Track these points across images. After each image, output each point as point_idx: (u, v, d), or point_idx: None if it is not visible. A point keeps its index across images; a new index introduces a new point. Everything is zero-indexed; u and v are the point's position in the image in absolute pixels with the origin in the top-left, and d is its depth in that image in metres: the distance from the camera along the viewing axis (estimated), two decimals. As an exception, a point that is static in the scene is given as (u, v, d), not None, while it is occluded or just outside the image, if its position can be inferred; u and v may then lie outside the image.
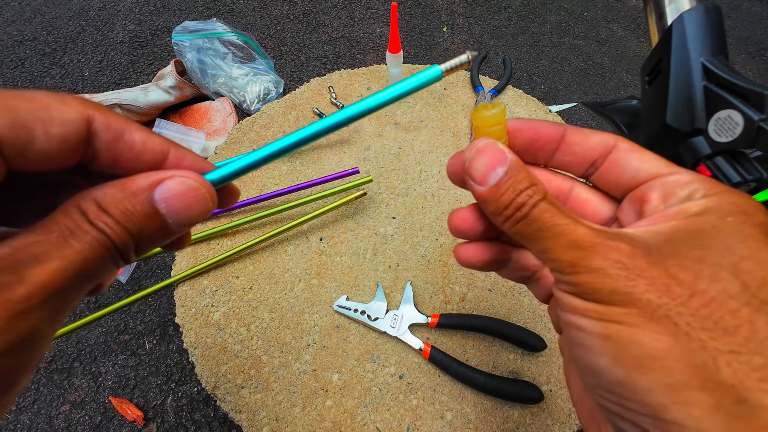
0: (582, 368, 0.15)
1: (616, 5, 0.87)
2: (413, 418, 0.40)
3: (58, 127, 0.13)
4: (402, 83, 0.18)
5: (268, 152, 0.17)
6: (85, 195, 0.13)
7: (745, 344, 0.12)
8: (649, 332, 0.12)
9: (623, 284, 0.13)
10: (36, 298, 0.12)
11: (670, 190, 0.16)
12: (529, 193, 0.15)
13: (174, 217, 0.15)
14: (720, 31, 0.28)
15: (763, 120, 0.24)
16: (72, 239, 0.12)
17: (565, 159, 0.19)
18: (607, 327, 0.13)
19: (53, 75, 0.74)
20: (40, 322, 0.12)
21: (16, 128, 0.12)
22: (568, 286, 0.15)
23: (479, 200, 0.17)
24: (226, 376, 0.43)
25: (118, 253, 0.14)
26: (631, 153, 0.17)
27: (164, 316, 0.49)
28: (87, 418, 0.43)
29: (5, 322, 0.11)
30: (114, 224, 0.13)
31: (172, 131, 0.59)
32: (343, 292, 0.48)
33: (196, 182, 0.15)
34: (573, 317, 0.15)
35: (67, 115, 0.13)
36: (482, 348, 0.44)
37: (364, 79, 0.68)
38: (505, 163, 0.16)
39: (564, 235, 0.15)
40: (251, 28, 0.82)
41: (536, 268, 0.21)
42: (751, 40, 0.79)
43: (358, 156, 0.59)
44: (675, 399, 0.12)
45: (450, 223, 0.20)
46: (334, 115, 0.17)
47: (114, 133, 0.14)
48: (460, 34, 0.80)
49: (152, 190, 0.14)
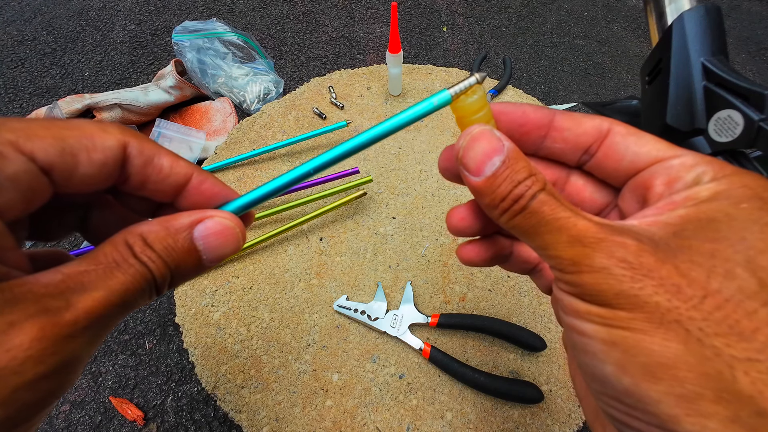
0: (586, 374, 0.14)
1: (616, 5, 0.87)
2: (413, 418, 0.40)
3: (100, 153, 0.14)
4: (408, 111, 0.17)
5: (285, 181, 0.17)
6: (132, 230, 0.14)
7: (763, 350, 0.11)
8: (658, 339, 0.12)
9: (629, 286, 0.12)
10: (81, 324, 0.12)
11: (675, 175, 0.14)
12: (527, 183, 0.14)
13: (209, 254, 0.16)
14: (720, 31, 0.28)
15: (764, 120, 0.24)
16: (117, 271, 0.13)
17: (556, 146, 0.17)
18: (613, 333, 0.12)
19: (53, 75, 0.74)
20: (81, 347, 0.13)
21: (65, 155, 0.13)
22: (570, 286, 0.14)
23: (474, 192, 0.16)
24: (226, 376, 0.43)
25: (155, 285, 0.14)
26: (629, 137, 0.16)
27: (164, 316, 0.49)
28: (87, 418, 0.43)
29: (53, 345, 0.12)
30: (156, 258, 0.14)
31: (172, 131, 0.59)
32: (343, 292, 0.48)
33: (232, 222, 0.16)
34: (575, 321, 0.14)
35: (108, 142, 0.14)
36: (482, 348, 0.44)
37: (364, 79, 0.68)
38: (501, 152, 0.15)
39: (565, 230, 0.13)
40: (251, 28, 0.82)
41: (538, 260, 0.21)
42: (751, 40, 0.79)
43: (358, 156, 0.59)
44: (688, 411, 0.11)
45: (448, 222, 0.19)
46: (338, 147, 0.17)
47: (146, 158, 0.15)
48: (460, 34, 0.80)
49: (192, 229, 0.15)
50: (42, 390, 0.12)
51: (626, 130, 0.16)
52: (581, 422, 0.40)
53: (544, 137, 0.17)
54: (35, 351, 0.11)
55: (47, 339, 0.11)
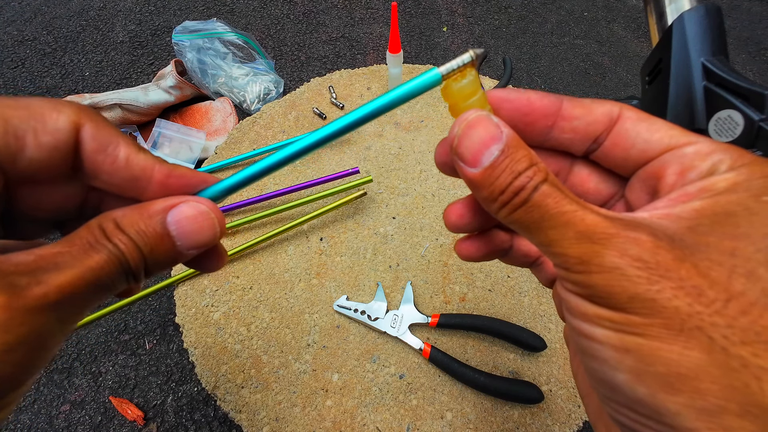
0: (594, 378, 0.13)
1: (616, 5, 0.87)
2: (413, 418, 0.40)
3: (49, 135, 0.13)
4: (393, 91, 0.16)
5: (266, 164, 0.16)
6: (107, 215, 0.14)
7: None
8: (677, 347, 0.11)
9: (645, 288, 0.11)
10: (51, 299, 0.12)
11: (689, 163, 0.13)
12: (528, 174, 0.13)
13: (183, 240, 0.15)
14: (720, 31, 0.28)
15: (764, 120, 0.24)
16: (90, 251, 0.13)
17: (564, 137, 0.16)
18: (626, 339, 0.11)
19: (53, 75, 0.74)
20: (51, 323, 0.12)
21: (8, 137, 0.12)
22: (577, 287, 0.12)
23: (471, 185, 0.14)
24: (226, 376, 0.43)
25: (129, 270, 0.14)
26: (640, 122, 0.14)
27: (164, 316, 0.49)
28: (87, 418, 0.43)
29: (20, 316, 0.11)
30: (128, 242, 0.14)
31: (172, 131, 0.59)
32: (343, 292, 0.48)
33: (207, 207, 0.15)
34: (583, 325, 0.12)
35: (59, 123, 0.13)
36: (482, 348, 0.44)
37: (364, 79, 0.68)
38: (500, 140, 0.13)
39: (571, 225, 0.12)
40: (251, 28, 0.82)
41: (539, 254, 0.20)
42: (751, 40, 0.79)
43: (358, 156, 0.59)
44: (710, 425, 0.10)
45: (445, 219, 0.18)
46: (323, 128, 0.16)
47: (98, 144, 0.14)
48: (460, 34, 0.80)
49: (166, 213, 0.15)
50: (12, 363, 0.12)
51: (637, 115, 0.15)
52: (581, 422, 0.40)
53: (551, 127, 0.15)
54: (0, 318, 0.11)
55: (13, 309, 0.11)
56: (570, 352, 0.19)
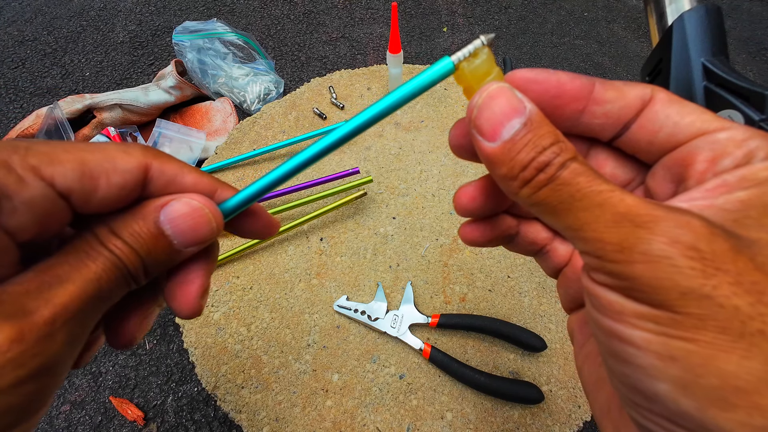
0: (624, 384, 0.12)
1: (616, 5, 0.87)
2: (413, 418, 0.40)
3: (119, 176, 0.14)
4: (409, 83, 0.15)
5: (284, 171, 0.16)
6: (100, 220, 0.14)
7: None
8: (735, 356, 0.09)
9: (700, 283, 0.09)
10: (59, 321, 0.12)
11: (722, 150, 0.12)
12: (554, 150, 0.12)
13: (179, 238, 0.15)
14: (720, 32, 0.28)
15: (764, 120, 0.24)
16: (87, 260, 0.13)
17: (595, 123, 0.14)
18: (672, 345, 0.10)
19: (54, 75, 0.74)
20: (62, 347, 0.12)
21: (84, 179, 0.13)
22: (612, 279, 0.11)
23: (487, 161, 0.13)
24: (226, 376, 0.43)
25: (129, 275, 0.14)
26: (671, 105, 0.13)
27: (164, 316, 0.49)
28: (87, 418, 0.43)
29: (33, 347, 0.11)
30: (123, 246, 0.14)
31: (172, 131, 0.59)
32: (343, 292, 0.48)
33: (200, 203, 0.15)
34: (616, 325, 0.11)
35: (128, 164, 0.14)
36: (482, 348, 0.44)
37: (364, 79, 0.68)
38: (523, 113, 0.12)
39: (609, 206, 0.11)
40: (251, 28, 0.82)
41: (545, 242, 0.19)
42: (751, 40, 0.79)
43: (359, 156, 0.59)
44: None
45: (456, 201, 0.17)
46: (342, 125, 0.16)
47: (168, 178, 0.15)
48: (460, 35, 0.80)
49: (158, 212, 0.15)
50: (24, 394, 0.11)
51: (668, 97, 0.13)
52: (581, 423, 0.40)
53: (581, 112, 0.14)
54: (14, 354, 0.11)
55: (26, 341, 0.11)
56: (575, 345, 0.18)
